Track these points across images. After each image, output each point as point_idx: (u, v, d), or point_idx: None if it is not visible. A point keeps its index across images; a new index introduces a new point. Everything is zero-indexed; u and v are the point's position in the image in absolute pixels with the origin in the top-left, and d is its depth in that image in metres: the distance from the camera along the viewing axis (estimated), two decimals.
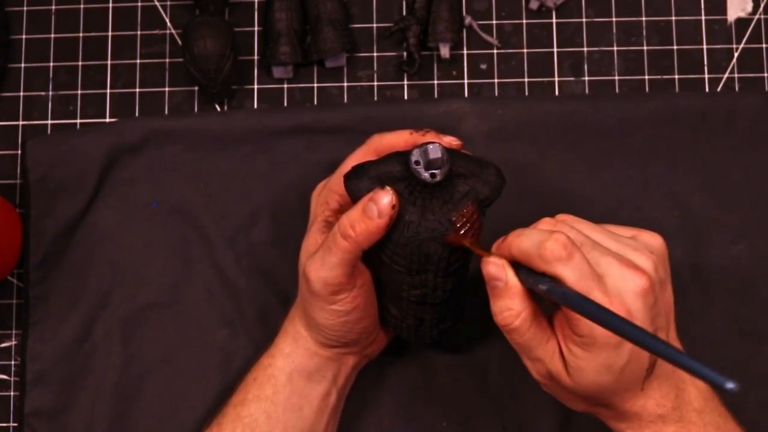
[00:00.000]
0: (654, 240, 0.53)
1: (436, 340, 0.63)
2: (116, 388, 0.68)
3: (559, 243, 0.48)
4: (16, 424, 0.69)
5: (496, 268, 0.51)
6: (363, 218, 0.53)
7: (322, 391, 0.61)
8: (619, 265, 0.49)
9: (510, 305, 0.51)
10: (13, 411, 0.69)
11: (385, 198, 0.52)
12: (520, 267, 0.51)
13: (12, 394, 0.70)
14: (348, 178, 0.55)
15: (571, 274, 0.48)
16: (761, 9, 0.73)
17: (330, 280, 0.55)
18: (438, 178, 0.52)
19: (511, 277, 0.51)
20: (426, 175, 0.52)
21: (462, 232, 0.53)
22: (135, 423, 0.68)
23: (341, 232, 0.54)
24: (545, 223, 0.53)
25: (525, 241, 0.50)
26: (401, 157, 0.55)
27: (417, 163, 0.53)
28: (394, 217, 0.53)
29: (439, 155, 0.52)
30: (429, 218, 0.53)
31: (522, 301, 0.51)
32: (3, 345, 0.71)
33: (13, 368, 0.70)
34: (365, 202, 0.53)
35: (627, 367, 0.50)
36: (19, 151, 0.72)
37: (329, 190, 0.59)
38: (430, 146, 0.52)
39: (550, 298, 0.49)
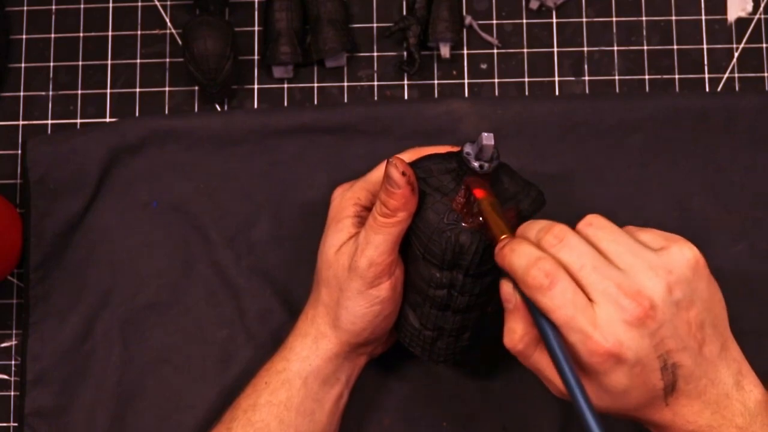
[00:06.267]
0: (680, 256, 0.49)
1: (449, 361, 0.62)
2: (116, 388, 0.68)
3: (541, 271, 0.47)
4: (16, 424, 0.69)
5: (507, 288, 0.51)
6: (389, 193, 0.55)
7: (336, 394, 0.61)
8: (617, 291, 0.47)
9: (514, 327, 0.51)
10: (13, 411, 0.69)
11: (393, 169, 0.55)
12: None
13: (12, 394, 0.70)
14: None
15: (549, 304, 0.47)
16: (761, 9, 0.73)
17: (375, 259, 0.57)
18: (486, 169, 0.54)
19: (518, 299, 0.50)
20: (475, 164, 0.54)
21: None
22: (135, 423, 0.68)
23: (379, 213, 0.56)
24: (553, 235, 0.49)
25: (516, 260, 0.49)
26: (450, 153, 0.57)
27: (468, 153, 0.55)
28: (414, 182, 0.55)
29: (492, 143, 0.54)
30: None
31: (525, 324, 0.50)
32: (3, 345, 0.71)
33: (13, 368, 0.70)
34: (384, 179, 0.55)
35: (630, 392, 0.48)
36: (19, 151, 0.72)
37: (361, 188, 0.61)
38: (484, 134, 0.54)
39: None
